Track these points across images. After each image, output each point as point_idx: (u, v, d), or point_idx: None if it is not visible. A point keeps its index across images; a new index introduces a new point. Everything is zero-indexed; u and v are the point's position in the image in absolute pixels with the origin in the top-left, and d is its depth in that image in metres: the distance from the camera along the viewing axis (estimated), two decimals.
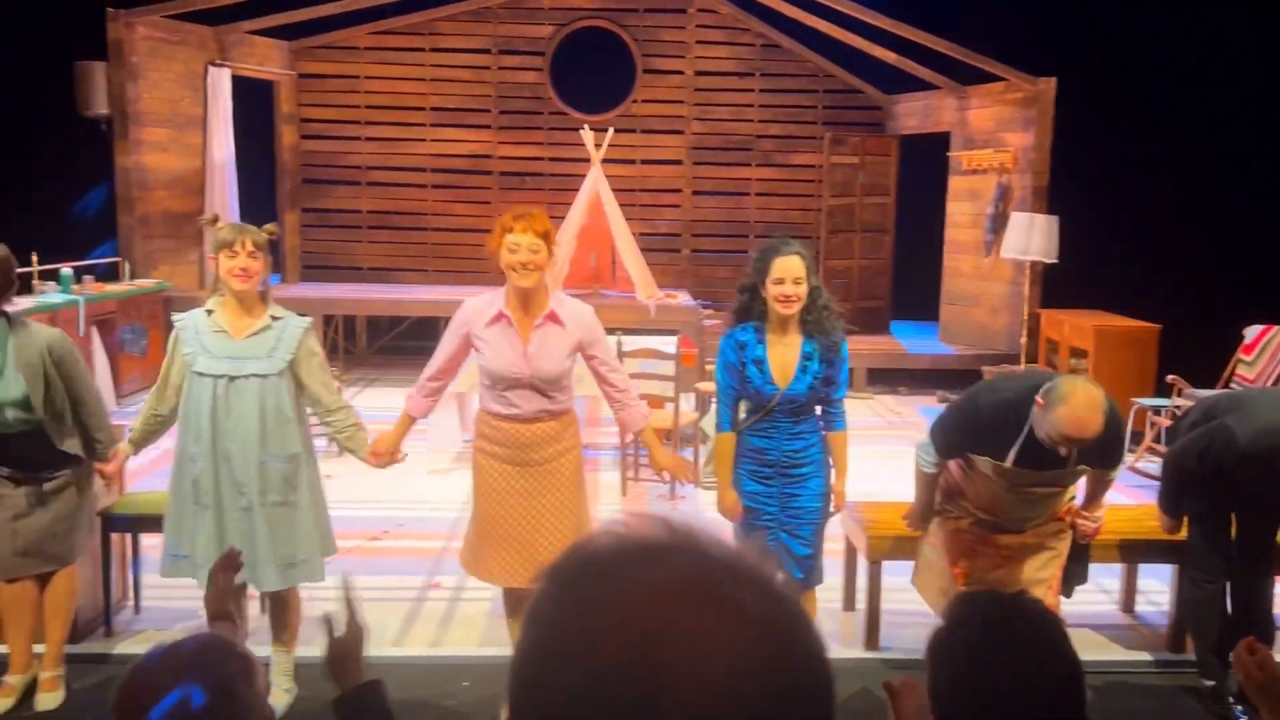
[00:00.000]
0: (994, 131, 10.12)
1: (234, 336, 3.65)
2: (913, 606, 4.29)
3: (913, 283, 11.09)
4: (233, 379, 3.61)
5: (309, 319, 3.82)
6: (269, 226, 3.77)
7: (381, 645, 4.38)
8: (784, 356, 3.68)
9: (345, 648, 1.58)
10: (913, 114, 11.32)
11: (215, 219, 3.87)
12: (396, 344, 11.42)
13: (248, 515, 3.64)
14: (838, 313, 3.77)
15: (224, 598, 1.58)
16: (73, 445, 3.79)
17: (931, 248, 10.88)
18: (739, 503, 3.77)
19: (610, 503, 6.52)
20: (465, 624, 4.64)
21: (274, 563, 3.65)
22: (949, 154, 10.66)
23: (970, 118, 10.46)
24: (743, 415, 3.78)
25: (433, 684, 4.03)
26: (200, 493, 3.65)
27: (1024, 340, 9.34)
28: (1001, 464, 3.48)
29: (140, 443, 3.86)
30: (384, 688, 1.57)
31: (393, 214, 11.71)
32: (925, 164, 10.91)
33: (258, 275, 3.64)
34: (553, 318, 3.71)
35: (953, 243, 10.73)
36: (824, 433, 3.81)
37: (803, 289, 3.63)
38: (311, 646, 2.83)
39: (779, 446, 3.72)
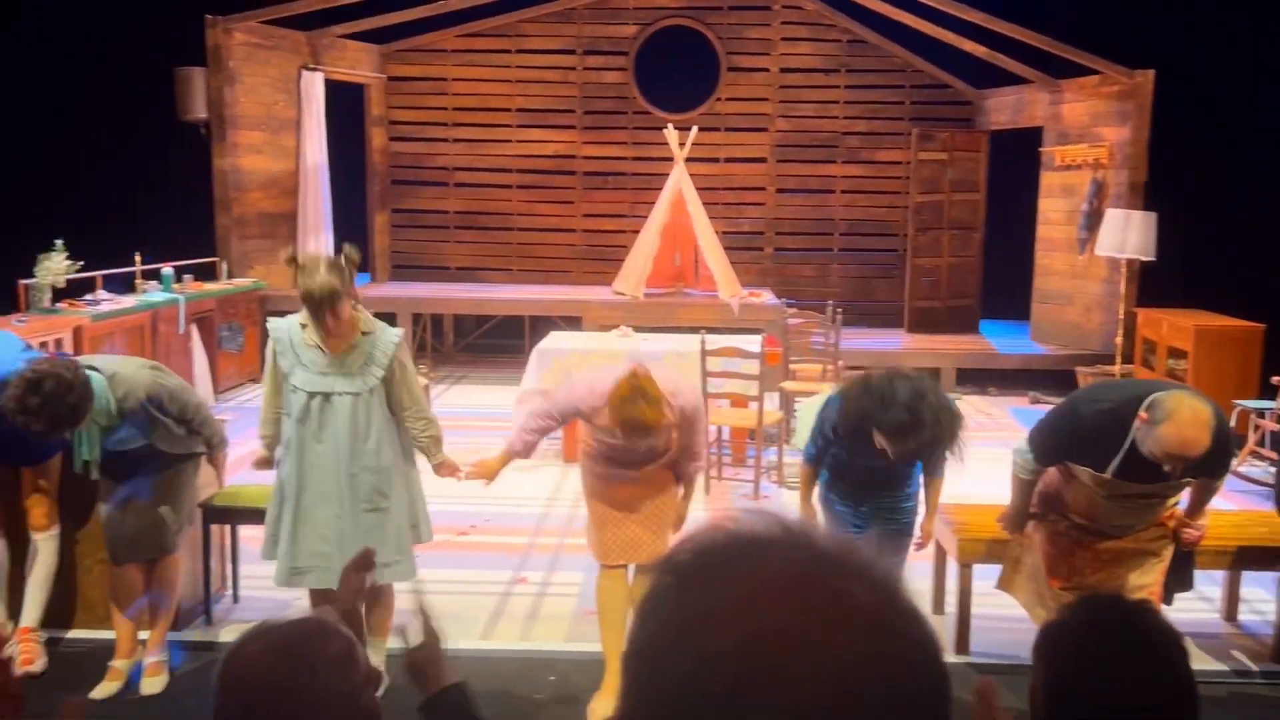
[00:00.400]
0: (1089, 126, 9.87)
1: (328, 352, 3.70)
2: (1002, 611, 4.20)
3: (1002, 281, 10.87)
4: (327, 396, 3.68)
5: (401, 331, 3.87)
6: (348, 250, 3.68)
7: (469, 639, 4.44)
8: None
9: (424, 654, 1.60)
10: (1003, 109, 11.09)
11: (293, 257, 3.80)
12: (482, 342, 11.56)
13: (339, 521, 3.72)
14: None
15: (354, 597, 1.61)
16: (183, 446, 3.95)
17: (1022, 245, 10.65)
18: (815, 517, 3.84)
19: (694, 502, 6.50)
20: (551, 619, 4.68)
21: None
22: (1041, 149, 10.43)
23: (1064, 112, 10.21)
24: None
25: (519, 678, 4.07)
26: (305, 501, 3.76)
27: (1119, 340, 9.10)
28: (1102, 475, 3.39)
29: (275, 442, 3.89)
30: (467, 689, 1.59)
31: (479, 214, 11.86)
32: (1016, 160, 10.69)
33: (346, 323, 3.64)
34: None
35: (1045, 240, 10.49)
36: (921, 478, 3.84)
37: (890, 452, 3.51)
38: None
39: (866, 463, 3.70)
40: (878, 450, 3.49)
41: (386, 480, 3.75)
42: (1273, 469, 7.10)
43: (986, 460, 7.55)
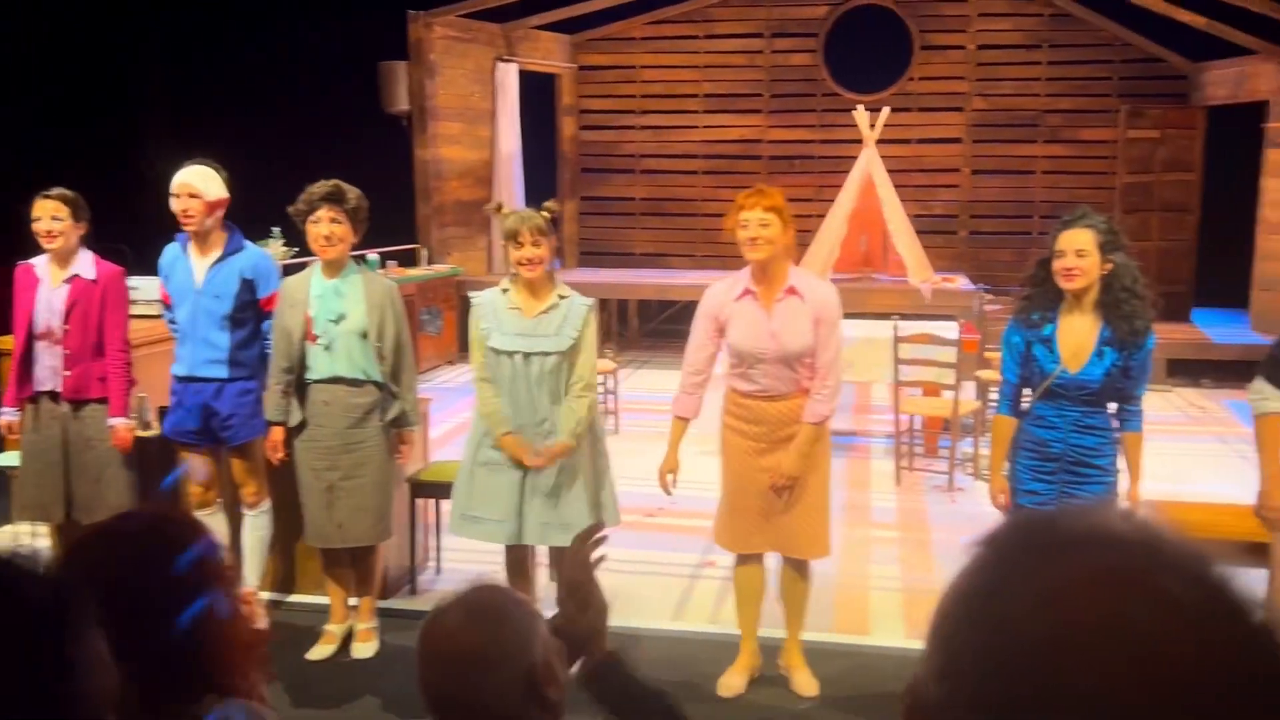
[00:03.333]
0: None
1: (526, 315, 3.84)
2: None
3: (1219, 266, 10.17)
4: (527, 355, 3.81)
5: (592, 299, 3.98)
6: (548, 204, 3.92)
7: (660, 619, 4.49)
8: (1078, 338, 3.44)
9: (590, 624, 1.63)
10: (1223, 82, 10.36)
11: (500, 206, 4.09)
12: (665, 327, 11.65)
13: (534, 477, 3.84)
14: (1146, 299, 3.49)
15: (583, 568, 1.66)
16: (393, 410, 4.10)
17: (1241, 228, 9.93)
18: (1007, 490, 3.58)
19: (883, 491, 6.39)
20: None
21: (558, 521, 3.82)
22: (1266, 125, 9.68)
23: None
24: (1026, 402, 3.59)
25: (709, 658, 4.09)
26: (499, 457, 3.87)
27: None
28: None
29: (504, 421, 3.89)
30: (623, 659, 1.61)
31: (665, 200, 11.94)
32: (1237, 137, 9.96)
33: (544, 260, 3.81)
34: (792, 291, 3.72)
35: (1268, 223, 9.75)
36: (1116, 434, 3.55)
37: (1087, 262, 3.38)
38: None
39: (1065, 439, 3.46)
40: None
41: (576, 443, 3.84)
42: None
43: (1204, 457, 7.15)
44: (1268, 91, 9.73)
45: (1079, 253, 3.38)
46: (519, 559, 4.08)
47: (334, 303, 4.02)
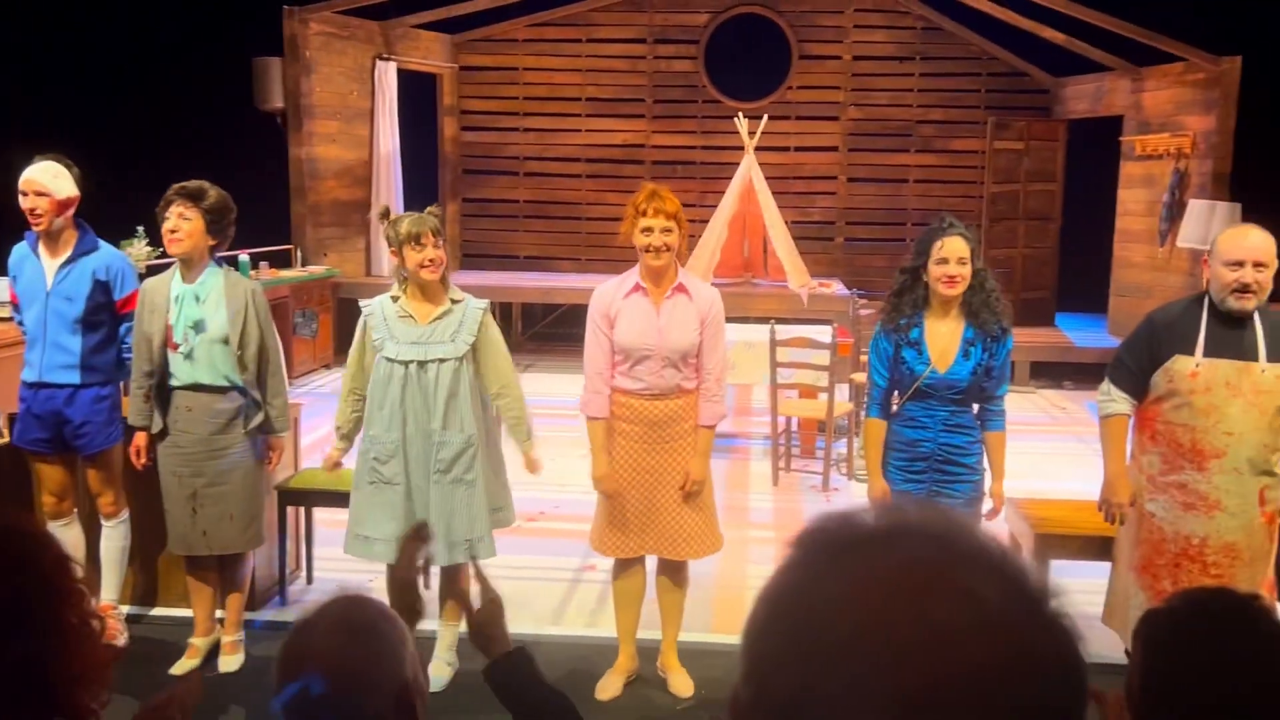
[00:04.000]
0: (1171, 114, 9.60)
1: (419, 322, 3.77)
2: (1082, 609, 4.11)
3: (1079, 273, 10.64)
4: (422, 364, 3.74)
5: (486, 300, 3.93)
6: (432, 208, 3.88)
7: (540, 624, 4.47)
8: (944, 340, 3.56)
9: (486, 619, 1.62)
10: (1082, 97, 10.84)
11: (387, 211, 4.00)
12: (550, 330, 11.62)
13: (425, 493, 3.77)
14: (1003, 299, 3.64)
15: (412, 569, 1.63)
16: (256, 417, 3.97)
17: (1100, 237, 10.41)
18: (889, 492, 3.67)
19: (761, 492, 6.48)
20: None
21: (444, 538, 3.76)
22: (1121, 139, 10.17)
23: (1145, 100, 9.95)
24: (895, 406, 3.68)
25: (589, 662, 4.08)
26: (389, 474, 3.78)
27: None
28: (1191, 360, 3.34)
29: (351, 432, 3.95)
30: (530, 654, 1.60)
31: (548, 203, 11.91)
32: (1095, 149, 10.44)
33: (444, 262, 3.75)
34: (681, 289, 3.78)
35: (1124, 232, 10.24)
36: (980, 432, 3.66)
37: (967, 270, 3.52)
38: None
39: (935, 438, 3.58)
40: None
41: (471, 454, 3.78)
42: None
43: (1065, 456, 7.45)
44: (1123, 106, 10.22)
45: (961, 260, 3.50)
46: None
47: (193, 309, 3.88)
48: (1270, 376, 3.33)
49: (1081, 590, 3.93)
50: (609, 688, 3.93)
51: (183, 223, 3.85)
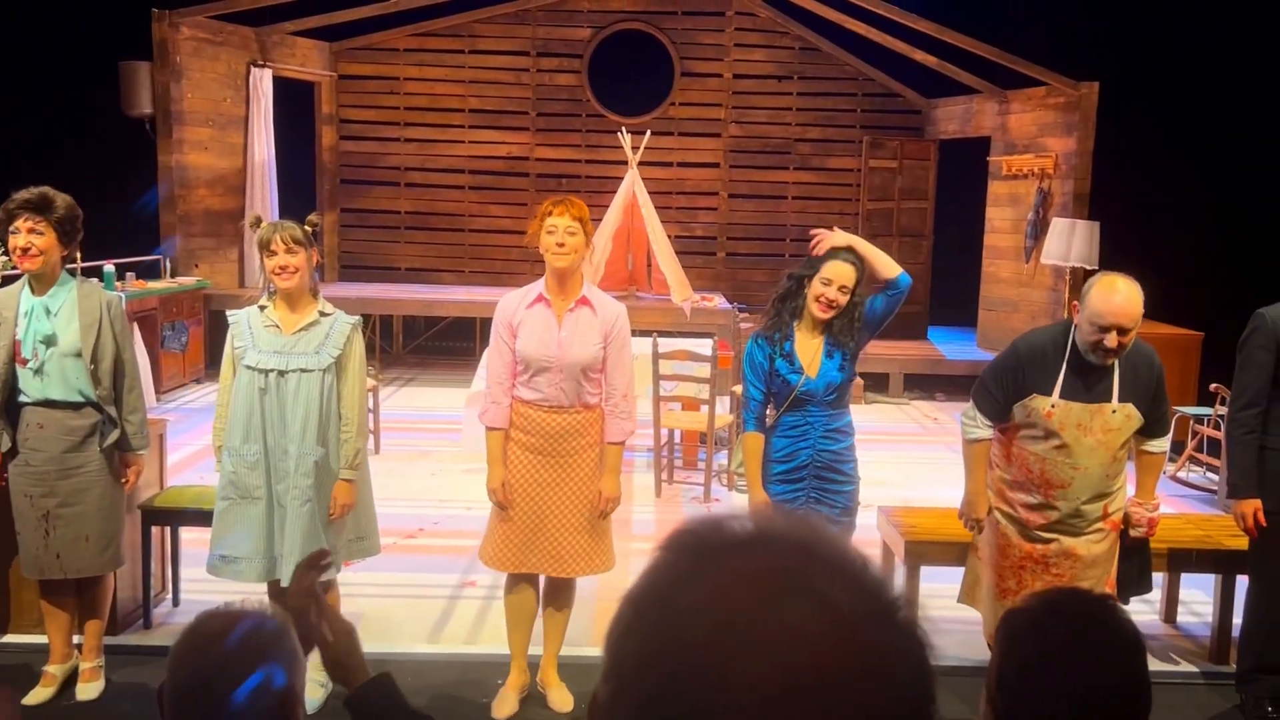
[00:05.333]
0: (1035, 136, 10.03)
1: (284, 331, 3.69)
2: (949, 613, 4.24)
3: (950, 288, 11.01)
4: (281, 373, 3.65)
5: (358, 317, 3.85)
6: (310, 218, 3.81)
7: (416, 643, 4.40)
8: (811, 349, 3.67)
9: (341, 651, 1.56)
10: (952, 118, 11.23)
11: (258, 220, 3.91)
12: (432, 344, 11.48)
13: (284, 510, 3.67)
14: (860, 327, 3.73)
15: (307, 595, 1.57)
16: (112, 434, 3.81)
17: (970, 253, 10.80)
18: (770, 504, 3.72)
19: (644, 504, 6.51)
20: (500, 622, 4.63)
21: (294, 556, 3.66)
22: (989, 159, 10.57)
23: (1011, 122, 10.37)
24: (770, 418, 3.74)
25: (468, 681, 4.03)
26: (248, 488, 3.67)
27: None
28: (1049, 400, 3.46)
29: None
30: (392, 680, 1.56)
31: (430, 215, 11.78)
32: (964, 169, 10.83)
33: (300, 271, 3.67)
34: (585, 302, 3.77)
35: (992, 248, 10.64)
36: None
37: (844, 299, 3.60)
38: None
39: (813, 445, 3.65)
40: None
41: (329, 470, 3.70)
42: (1210, 475, 7.25)
43: (936, 465, 7.68)
44: (990, 128, 10.63)
45: (843, 288, 3.58)
46: (298, 607, 3.86)
47: (43, 323, 3.71)
48: (1120, 416, 3.51)
49: (951, 594, 4.05)
50: (505, 705, 3.87)
51: (35, 238, 3.68)
